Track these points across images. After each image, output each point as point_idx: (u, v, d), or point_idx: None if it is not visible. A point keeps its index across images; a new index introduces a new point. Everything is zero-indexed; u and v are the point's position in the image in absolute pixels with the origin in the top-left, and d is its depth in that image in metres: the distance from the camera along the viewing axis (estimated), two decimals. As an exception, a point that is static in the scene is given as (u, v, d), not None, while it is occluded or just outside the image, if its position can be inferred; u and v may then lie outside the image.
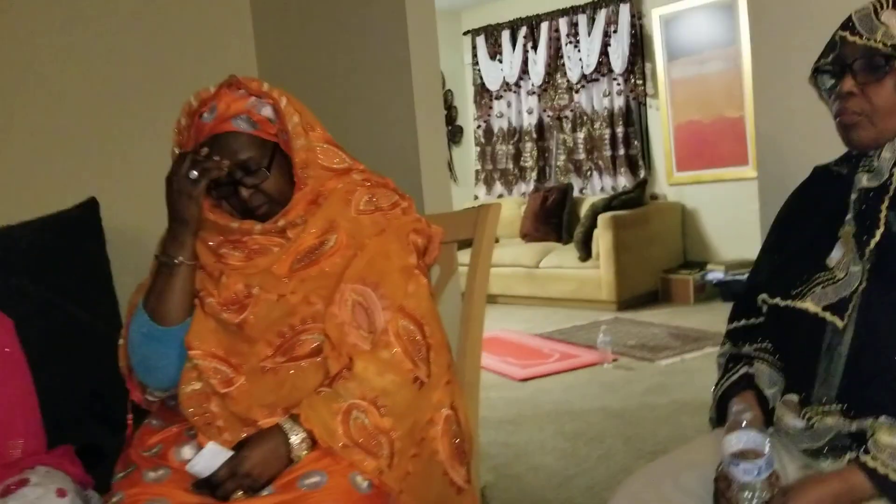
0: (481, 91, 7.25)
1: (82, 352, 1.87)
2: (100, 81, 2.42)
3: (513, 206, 6.87)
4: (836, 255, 1.21)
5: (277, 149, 1.37)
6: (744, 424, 1.11)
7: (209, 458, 1.19)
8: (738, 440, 1.09)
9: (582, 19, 6.40)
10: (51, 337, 1.82)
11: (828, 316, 1.17)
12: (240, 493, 1.19)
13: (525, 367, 4.29)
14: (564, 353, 4.49)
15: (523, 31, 6.81)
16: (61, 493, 1.36)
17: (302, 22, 2.58)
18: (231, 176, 1.33)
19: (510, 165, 7.11)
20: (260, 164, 1.34)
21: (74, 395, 1.78)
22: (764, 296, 1.29)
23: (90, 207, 2.17)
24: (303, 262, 1.35)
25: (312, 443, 1.23)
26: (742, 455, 1.08)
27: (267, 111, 1.36)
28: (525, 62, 6.85)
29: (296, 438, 1.22)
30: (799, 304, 1.20)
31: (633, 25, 6.10)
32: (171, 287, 1.33)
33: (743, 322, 1.37)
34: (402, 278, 1.35)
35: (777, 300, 1.25)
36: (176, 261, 1.33)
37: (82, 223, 2.14)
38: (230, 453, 1.21)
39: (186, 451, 1.23)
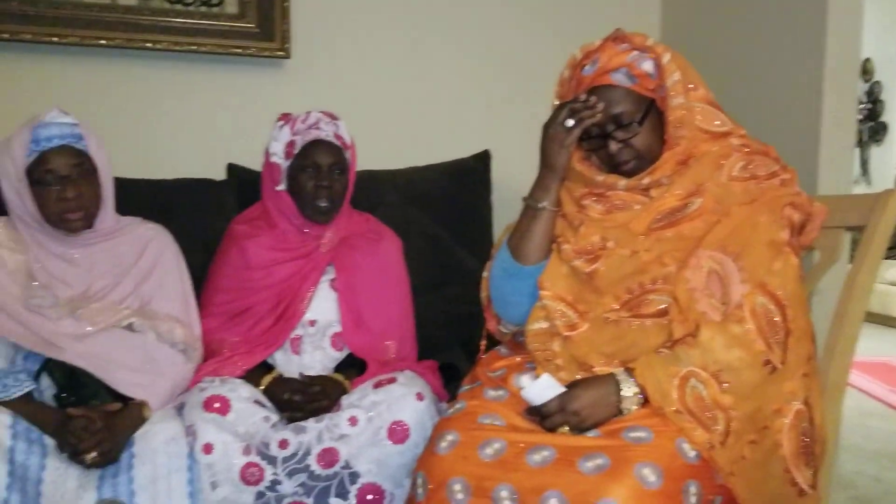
0: (921, 83, 6.24)
1: (454, 284, 2.08)
2: (499, 44, 2.59)
3: (939, 218, 5.84)
4: None
5: (653, 105, 1.36)
6: None
7: (543, 388, 1.25)
8: None
9: None
10: (431, 266, 2.06)
11: None
12: (566, 428, 1.23)
13: (921, 401, 3.67)
14: (978, 397, 3.74)
15: None
16: (419, 398, 1.54)
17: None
18: (602, 128, 1.35)
19: (943, 171, 6.06)
20: (633, 118, 1.34)
21: (442, 319, 1.99)
22: None
23: (483, 159, 2.40)
24: (661, 223, 1.33)
25: (643, 400, 1.22)
26: None
27: (647, 66, 1.35)
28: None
29: (627, 391, 1.22)
30: None
31: None
32: (532, 229, 1.41)
33: None
34: (768, 253, 1.25)
35: None
36: (540, 205, 1.40)
37: (475, 172, 2.37)
38: (563, 389, 1.25)
39: (524, 380, 1.30)
